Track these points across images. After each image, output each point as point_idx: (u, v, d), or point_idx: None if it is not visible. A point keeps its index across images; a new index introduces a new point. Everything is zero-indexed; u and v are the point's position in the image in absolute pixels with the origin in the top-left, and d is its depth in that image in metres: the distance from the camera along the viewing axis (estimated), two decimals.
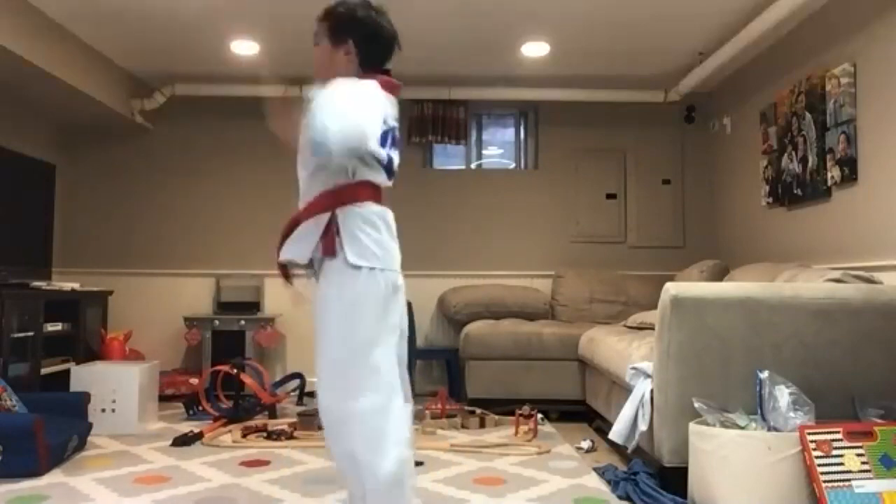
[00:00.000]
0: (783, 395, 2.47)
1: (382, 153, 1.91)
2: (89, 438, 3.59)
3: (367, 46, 1.99)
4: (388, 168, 1.97)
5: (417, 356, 5.19)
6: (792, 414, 2.44)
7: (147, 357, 4.92)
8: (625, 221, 5.64)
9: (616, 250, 5.61)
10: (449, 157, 5.77)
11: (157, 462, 3.30)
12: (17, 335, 3.95)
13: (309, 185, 1.97)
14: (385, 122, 1.93)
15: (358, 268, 1.85)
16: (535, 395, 4.37)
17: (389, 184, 1.97)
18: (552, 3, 3.97)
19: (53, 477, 3.03)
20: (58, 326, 4.41)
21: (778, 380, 2.51)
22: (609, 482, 2.93)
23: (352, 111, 1.76)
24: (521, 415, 3.91)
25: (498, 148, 5.94)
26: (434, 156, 5.75)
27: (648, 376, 2.87)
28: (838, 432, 2.39)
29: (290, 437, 3.74)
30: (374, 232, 1.88)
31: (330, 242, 1.87)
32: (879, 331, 2.71)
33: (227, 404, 4.37)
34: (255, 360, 4.91)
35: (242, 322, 5.06)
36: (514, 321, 4.82)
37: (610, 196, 5.65)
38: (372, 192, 1.92)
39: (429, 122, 5.48)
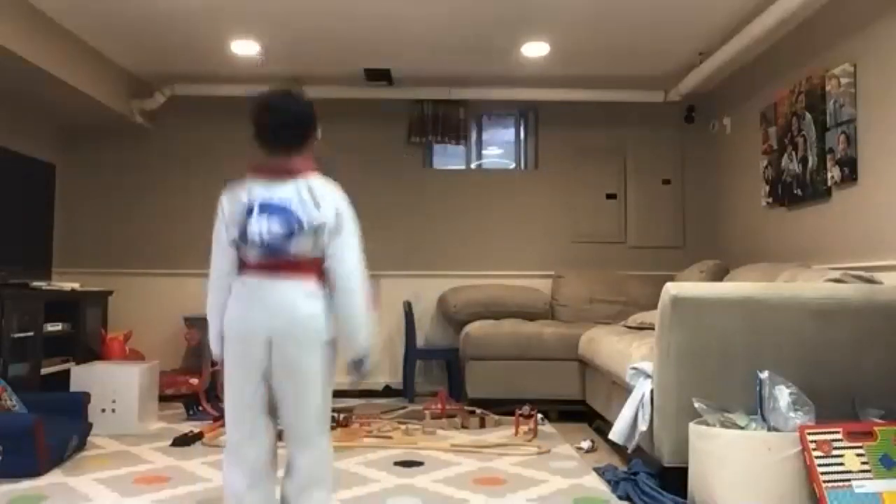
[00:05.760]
0: (783, 395, 2.47)
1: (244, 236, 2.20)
2: (89, 438, 3.59)
3: (256, 139, 2.31)
4: (261, 239, 2.18)
5: (417, 356, 5.19)
6: (792, 414, 2.44)
7: (147, 357, 4.91)
8: (625, 221, 5.64)
9: (616, 250, 5.61)
10: (449, 158, 5.77)
11: (157, 462, 3.30)
12: (17, 335, 3.95)
13: None
14: (246, 204, 2.22)
15: None
16: (535, 395, 4.37)
17: (255, 255, 2.20)
18: (552, 3, 3.97)
19: (53, 477, 3.03)
20: (58, 326, 4.41)
21: (778, 380, 2.51)
22: (609, 482, 2.93)
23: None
24: (521, 415, 3.91)
25: (498, 148, 5.94)
26: (434, 156, 5.75)
27: (648, 376, 2.87)
28: (838, 432, 2.39)
29: None
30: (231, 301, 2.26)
31: None
32: (879, 331, 2.71)
33: None
34: None
35: None
36: (514, 321, 4.82)
37: (610, 196, 5.65)
38: (244, 268, 2.25)
39: (429, 122, 5.48)
